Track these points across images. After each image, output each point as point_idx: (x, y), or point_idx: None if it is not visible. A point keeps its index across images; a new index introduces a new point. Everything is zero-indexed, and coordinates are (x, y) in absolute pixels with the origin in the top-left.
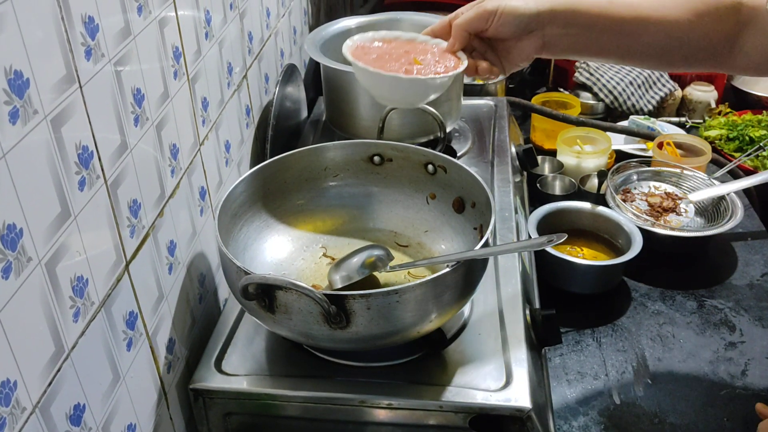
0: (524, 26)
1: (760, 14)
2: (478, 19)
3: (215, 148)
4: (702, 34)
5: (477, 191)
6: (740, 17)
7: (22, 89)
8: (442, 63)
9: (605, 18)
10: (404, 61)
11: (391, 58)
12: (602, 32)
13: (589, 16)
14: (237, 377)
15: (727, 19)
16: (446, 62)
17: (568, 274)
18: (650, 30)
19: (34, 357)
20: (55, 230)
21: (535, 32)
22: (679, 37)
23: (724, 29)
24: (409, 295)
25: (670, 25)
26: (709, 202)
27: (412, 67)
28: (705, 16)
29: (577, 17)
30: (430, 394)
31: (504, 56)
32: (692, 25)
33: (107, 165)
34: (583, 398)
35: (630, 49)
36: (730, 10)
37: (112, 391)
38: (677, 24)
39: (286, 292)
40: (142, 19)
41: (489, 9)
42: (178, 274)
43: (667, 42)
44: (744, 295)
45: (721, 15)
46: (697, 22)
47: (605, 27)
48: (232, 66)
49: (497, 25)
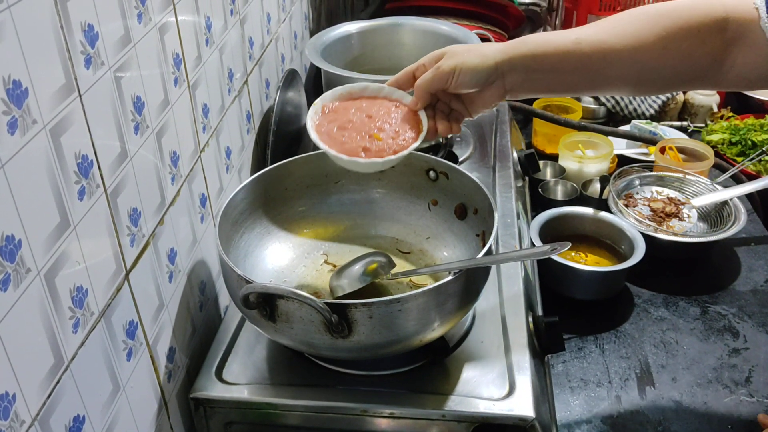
0: (484, 80)
1: (750, 29)
2: (437, 81)
3: (216, 155)
4: (680, 60)
5: (479, 198)
6: (726, 35)
7: (20, 99)
8: (401, 134)
9: (570, 58)
10: (365, 134)
11: (354, 128)
12: (568, 72)
13: (553, 59)
14: (238, 386)
15: (711, 40)
16: (405, 133)
17: (571, 280)
18: (619, 64)
19: (33, 369)
20: (54, 241)
21: (496, 82)
22: (653, 67)
23: (708, 50)
24: (412, 304)
25: (642, 56)
26: (712, 207)
27: (372, 143)
28: (682, 42)
29: (540, 62)
30: (433, 404)
31: (469, 104)
32: (667, 53)
33: (107, 174)
34: (587, 406)
35: (600, 83)
36: (714, 30)
37: (112, 401)
38: (649, 54)
39: (287, 301)
40: (142, 26)
41: (447, 71)
42: (178, 282)
43: (640, 73)
44: (747, 301)
45: (703, 37)
46: (673, 48)
47: (571, 67)
48: (232, 72)
49: (457, 83)
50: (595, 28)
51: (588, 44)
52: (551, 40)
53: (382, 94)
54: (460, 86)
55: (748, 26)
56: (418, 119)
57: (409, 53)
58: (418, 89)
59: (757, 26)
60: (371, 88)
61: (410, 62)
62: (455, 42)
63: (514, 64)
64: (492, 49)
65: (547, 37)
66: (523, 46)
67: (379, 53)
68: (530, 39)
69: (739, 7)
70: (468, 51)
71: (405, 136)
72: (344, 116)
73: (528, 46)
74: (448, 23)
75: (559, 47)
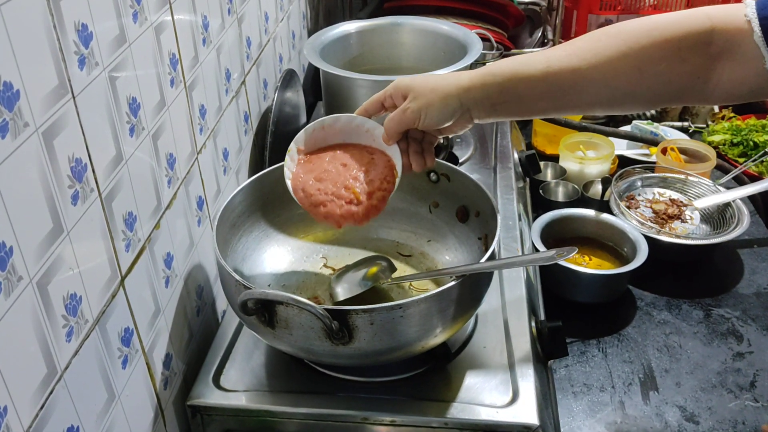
0: (450, 118)
1: (739, 42)
2: (406, 122)
3: (213, 157)
4: (658, 81)
5: (481, 200)
6: (711, 49)
7: (12, 101)
8: (376, 182)
9: (538, 86)
10: (340, 186)
11: (330, 179)
12: (536, 100)
13: (520, 89)
14: (236, 393)
15: (693, 57)
16: (380, 180)
17: (573, 283)
18: (591, 90)
19: (25, 380)
20: (47, 247)
21: (463, 115)
22: (628, 91)
23: (689, 69)
24: (414, 310)
25: (615, 81)
26: (714, 209)
27: (349, 194)
28: (659, 63)
29: (506, 94)
30: (435, 411)
31: (438, 132)
32: (643, 76)
33: (101, 177)
34: (590, 411)
35: (570, 107)
36: (697, 45)
37: (107, 410)
38: (624, 78)
39: (286, 307)
40: (138, 25)
41: (412, 115)
42: (175, 287)
43: (613, 96)
44: (751, 303)
45: (683, 55)
46: (650, 70)
47: (538, 95)
48: (230, 72)
49: (424, 124)
50: (566, 51)
51: (557, 70)
52: (519, 70)
53: (354, 123)
54: (428, 126)
55: (737, 39)
56: (392, 164)
57: (408, 53)
58: (388, 129)
59: (748, 39)
60: (342, 119)
61: (409, 62)
62: (455, 42)
63: (478, 100)
64: (456, 85)
65: (515, 65)
66: (490, 78)
67: (377, 53)
68: (498, 69)
69: (727, 19)
70: (432, 91)
71: (380, 184)
72: (320, 166)
73: (495, 78)
74: (447, 22)
75: (528, 76)
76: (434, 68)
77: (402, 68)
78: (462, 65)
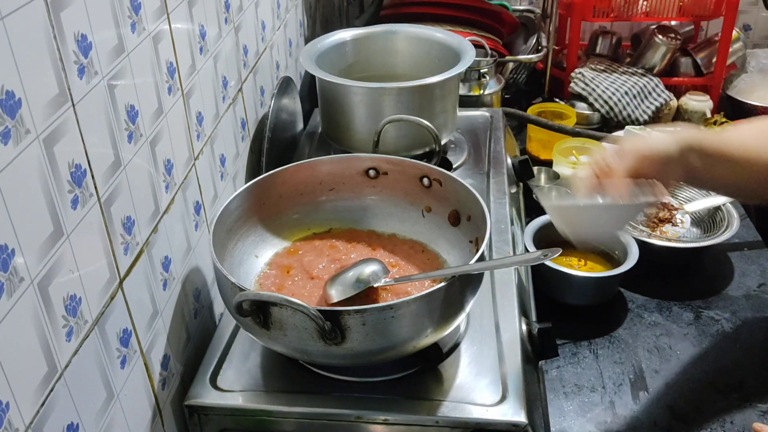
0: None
1: None
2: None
3: (210, 163)
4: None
5: (472, 204)
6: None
7: (14, 109)
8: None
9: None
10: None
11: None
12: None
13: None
14: (232, 393)
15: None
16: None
17: (565, 285)
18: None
19: (26, 377)
20: (48, 249)
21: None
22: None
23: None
24: (405, 311)
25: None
26: (705, 212)
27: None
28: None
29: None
30: (427, 410)
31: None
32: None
33: (100, 182)
34: (580, 410)
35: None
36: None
37: (106, 409)
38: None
39: (280, 309)
40: (136, 35)
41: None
42: (172, 289)
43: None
44: (740, 306)
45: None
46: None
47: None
48: (227, 80)
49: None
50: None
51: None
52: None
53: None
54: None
55: None
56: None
57: (404, 60)
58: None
59: None
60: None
61: (404, 70)
62: (449, 50)
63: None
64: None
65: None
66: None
67: (373, 60)
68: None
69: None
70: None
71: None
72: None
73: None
74: (442, 30)
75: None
76: (428, 75)
77: (397, 75)
78: (454, 72)
